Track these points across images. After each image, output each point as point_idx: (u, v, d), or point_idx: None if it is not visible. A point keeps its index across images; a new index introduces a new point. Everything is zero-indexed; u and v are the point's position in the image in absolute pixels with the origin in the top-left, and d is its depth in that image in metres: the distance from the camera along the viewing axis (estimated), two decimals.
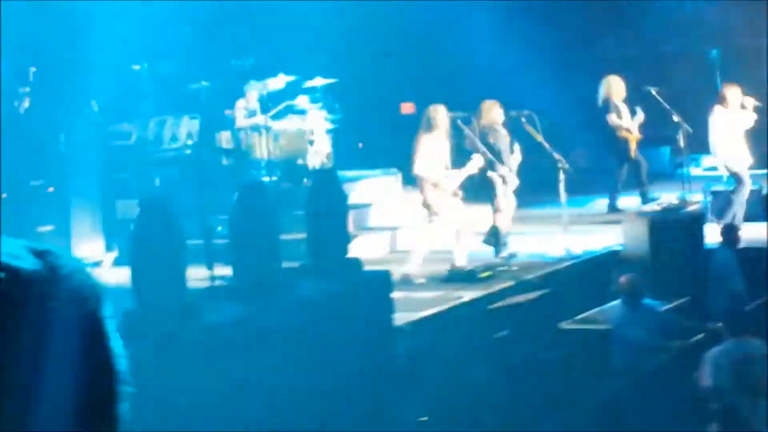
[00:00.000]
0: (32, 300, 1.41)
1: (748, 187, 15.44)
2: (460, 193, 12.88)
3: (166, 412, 7.43)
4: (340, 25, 18.70)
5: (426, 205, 12.86)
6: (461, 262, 12.74)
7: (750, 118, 15.61)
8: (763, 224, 15.31)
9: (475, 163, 12.93)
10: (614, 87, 16.17)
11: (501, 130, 13.79)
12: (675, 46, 21.32)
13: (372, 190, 16.08)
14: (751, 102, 15.62)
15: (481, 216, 13.87)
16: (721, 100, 15.70)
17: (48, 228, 12.62)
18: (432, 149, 12.77)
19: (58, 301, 1.42)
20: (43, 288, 1.42)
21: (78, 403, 1.42)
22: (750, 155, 15.62)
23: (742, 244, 13.69)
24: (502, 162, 13.50)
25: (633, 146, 16.11)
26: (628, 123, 16.04)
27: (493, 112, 13.78)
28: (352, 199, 14.28)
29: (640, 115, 16.06)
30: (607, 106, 16.12)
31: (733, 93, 15.61)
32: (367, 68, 19.62)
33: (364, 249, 13.57)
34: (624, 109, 16.10)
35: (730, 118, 15.47)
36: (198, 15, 18.22)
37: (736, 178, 15.48)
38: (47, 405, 1.39)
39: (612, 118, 16.04)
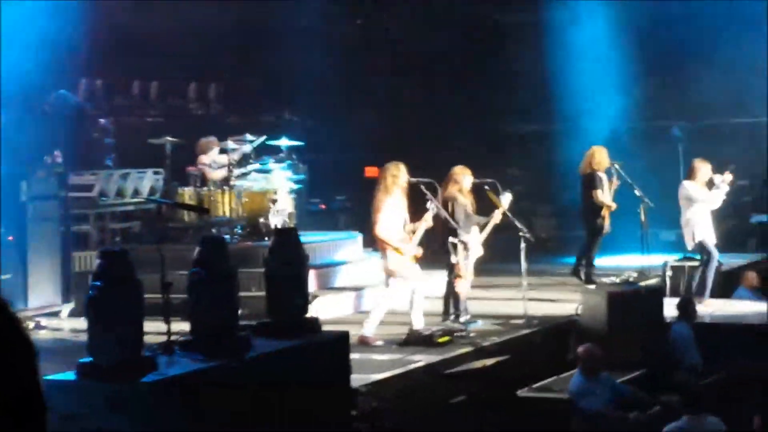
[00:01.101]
0: None
1: (715, 262, 15.42)
2: (420, 251, 12.78)
3: None
4: (307, 86, 18.78)
5: (387, 267, 12.78)
6: (419, 325, 12.70)
7: (720, 197, 15.49)
8: (720, 300, 15.40)
9: (428, 218, 12.73)
10: (599, 158, 15.69)
11: (468, 198, 13.70)
12: (636, 121, 21.53)
13: (334, 251, 16.08)
14: (724, 178, 15.45)
15: (439, 280, 13.88)
16: (691, 173, 15.62)
17: (5, 276, 12.52)
18: (392, 209, 12.65)
19: None
20: None
21: None
22: (714, 231, 15.59)
23: (699, 319, 13.77)
24: (466, 230, 13.45)
25: (608, 221, 15.76)
26: (609, 198, 15.65)
27: (464, 179, 13.65)
28: (316, 259, 14.27)
29: (615, 183, 15.74)
30: (591, 178, 15.68)
31: (704, 168, 15.54)
32: (332, 131, 19.69)
33: (327, 309, 13.55)
34: (605, 181, 15.70)
35: (701, 192, 15.41)
36: (166, 73, 18.28)
37: (705, 253, 15.42)
38: None
39: (597, 195, 15.56)
